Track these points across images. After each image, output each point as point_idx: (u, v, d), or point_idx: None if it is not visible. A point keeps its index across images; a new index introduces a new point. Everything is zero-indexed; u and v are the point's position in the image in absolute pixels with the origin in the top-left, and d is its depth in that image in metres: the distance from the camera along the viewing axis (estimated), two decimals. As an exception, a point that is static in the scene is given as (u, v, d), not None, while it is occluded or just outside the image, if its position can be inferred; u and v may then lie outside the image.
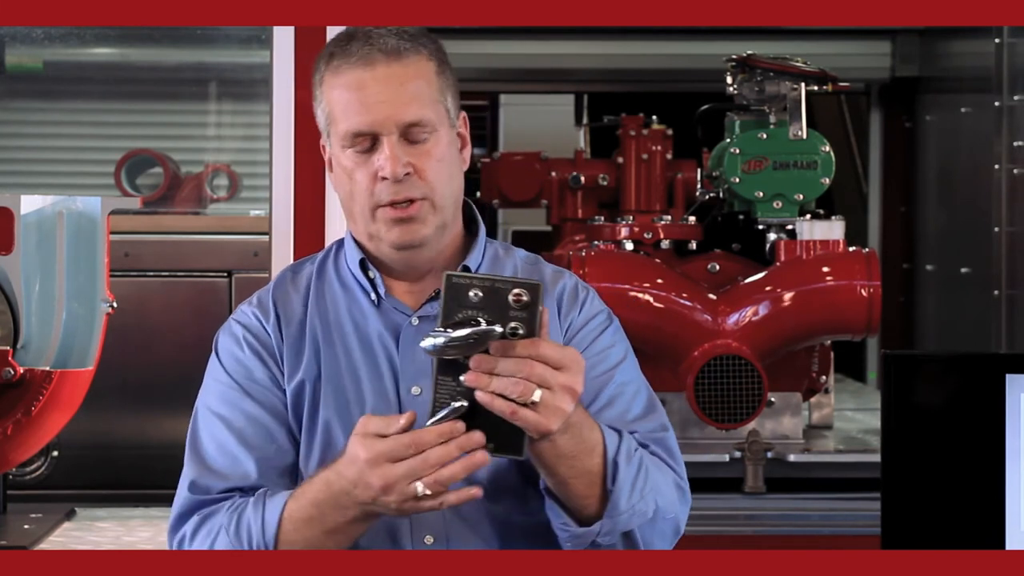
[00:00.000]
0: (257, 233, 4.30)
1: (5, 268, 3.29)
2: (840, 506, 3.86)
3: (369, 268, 2.46)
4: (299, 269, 2.54)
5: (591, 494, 2.31)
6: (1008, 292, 4.41)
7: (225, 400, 2.43)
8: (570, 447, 2.25)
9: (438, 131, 2.41)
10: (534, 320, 2.16)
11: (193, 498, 2.39)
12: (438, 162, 2.41)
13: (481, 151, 5.57)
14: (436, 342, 2.14)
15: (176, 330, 4.28)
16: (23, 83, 5.12)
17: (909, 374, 2.48)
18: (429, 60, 2.42)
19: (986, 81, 4.50)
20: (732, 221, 4.20)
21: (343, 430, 2.39)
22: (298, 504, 2.29)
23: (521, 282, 2.17)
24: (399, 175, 2.38)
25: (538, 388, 2.15)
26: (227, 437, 2.40)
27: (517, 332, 2.15)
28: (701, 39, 5.15)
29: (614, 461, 2.31)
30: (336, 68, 2.41)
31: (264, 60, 3.43)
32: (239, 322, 2.47)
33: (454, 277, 2.16)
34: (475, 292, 2.15)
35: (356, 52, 2.40)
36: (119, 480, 4.23)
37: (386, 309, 2.46)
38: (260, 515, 2.31)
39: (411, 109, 2.39)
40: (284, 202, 3.33)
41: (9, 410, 3.29)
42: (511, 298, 2.15)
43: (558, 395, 2.17)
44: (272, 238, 3.34)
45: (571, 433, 2.24)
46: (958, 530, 2.45)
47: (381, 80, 2.38)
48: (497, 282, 2.16)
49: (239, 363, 2.44)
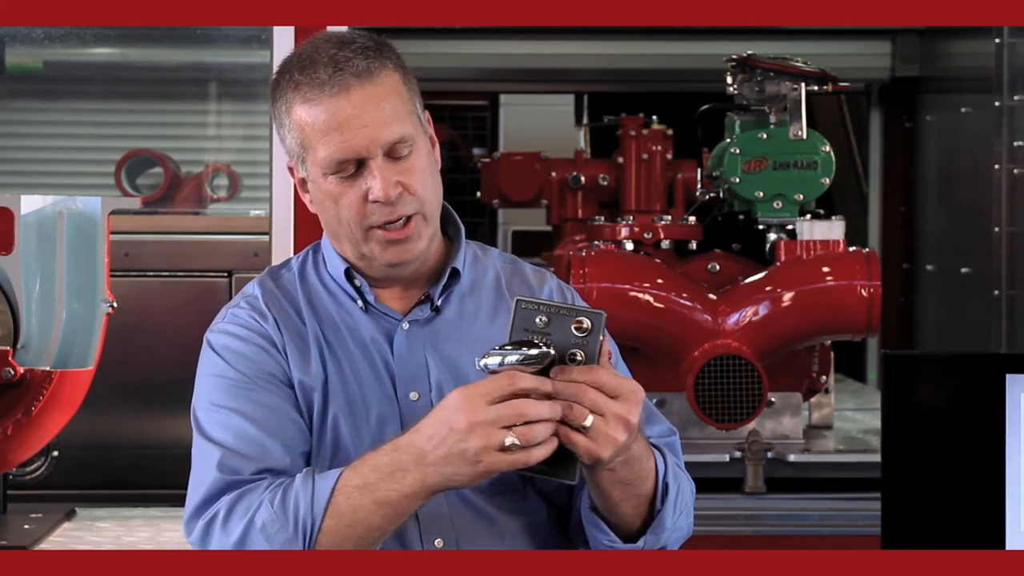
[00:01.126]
0: (257, 233, 4.30)
1: (5, 268, 3.29)
2: (840, 506, 3.86)
3: (355, 276, 2.46)
4: (278, 276, 2.51)
5: (638, 514, 2.34)
6: (1008, 292, 4.41)
7: (235, 394, 2.38)
8: (629, 476, 2.28)
9: (417, 142, 2.40)
10: (595, 347, 2.19)
11: (223, 478, 2.32)
12: (422, 173, 2.40)
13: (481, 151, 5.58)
14: (497, 361, 2.18)
15: (176, 330, 4.28)
16: (23, 83, 5.12)
17: (909, 374, 2.48)
18: (395, 71, 2.40)
19: (986, 81, 4.50)
20: (732, 221, 4.20)
21: (352, 431, 2.39)
22: (355, 472, 2.25)
23: (585, 310, 2.21)
24: (391, 197, 2.36)
25: (591, 414, 2.17)
26: (247, 425, 2.35)
27: (575, 358, 2.19)
28: (701, 39, 5.15)
29: (664, 483, 2.34)
30: (307, 97, 2.37)
31: (264, 60, 3.43)
32: (236, 323, 2.44)
33: (523, 302, 2.21)
34: (541, 318, 2.20)
35: (327, 80, 2.36)
36: (119, 480, 4.23)
37: (375, 315, 2.45)
38: (310, 487, 2.26)
39: (392, 128, 2.37)
40: (284, 202, 3.32)
41: (9, 410, 3.29)
42: (573, 326, 2.19)
43: (611, 424, 2.18)
44: (272, 238, 3.34)
45: (631, 464, 2.26)
46: (958, 530, 2.45)
47: (358, 105, 2.36)
48: (563, 309, 2.21)
49: (244, 357, 2.41)
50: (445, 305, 2.46)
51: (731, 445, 3.91)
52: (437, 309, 2.45)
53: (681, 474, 2.42)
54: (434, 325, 2.45)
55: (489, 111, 5.98)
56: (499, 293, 2.49)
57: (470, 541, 2.37)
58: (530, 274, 2.54)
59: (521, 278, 2.52)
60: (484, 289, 2.49)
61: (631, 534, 2.35)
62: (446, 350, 2.43)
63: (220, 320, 2.47)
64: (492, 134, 5.99)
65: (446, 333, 2.44)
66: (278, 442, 2.36)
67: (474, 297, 2.48)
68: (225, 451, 2.34)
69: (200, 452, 2.38)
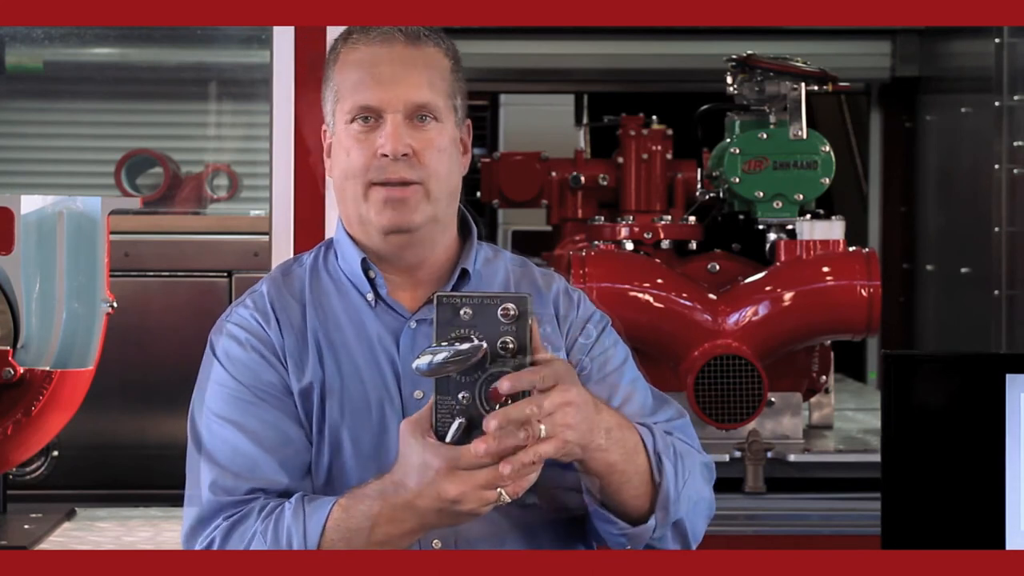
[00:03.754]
0: (257, 233, 4.30)
1: (5, 268, 3.28)
2: (840, 506, 3.86)
3: (371, 267, 2.46)
4: (288, 271, 2.51)
5: (641, 492, 2.34)
6: (1008, 292, 4.41)
7: (233, 405, 2.39)
8: (616, 453, 2.28)
9: (443, 123, 2.41)
10: (524, 332, 2.18)
11: (216, 500, 2.34)
12: (439, 151, 2.40)
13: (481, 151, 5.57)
14: (426, 361, 2.16)
15: (176, 330, 4.28)
16: (23, 83, 5.12)
17: (909, 374, 2.48)
18: (446, 57, 2.44)
19: (986, 81, 4.50)
20: (732, 221, 4.21)
21: (351, 431, 2.39)
22: (347, 514, 2.27)
23: (509, 296, 2.20)
24: (398, 153, 2.37)
25: (539, 424, 2.17)
26: (242, 441, 2.36)
27: (508, 345, 2.18)
28: (701, 39, 5.15)
29: (655, 452, 2.34)
30: (353, 44, 2.42)
31: (264, 60, 3.43)
32: (239, 325, 2.44)
33: (444, 297, 2.19)
34: (465, 310, 2.18)
35: (378, 34, 2.41)
36: (119, 480, 4.23)
37: (383, 311, 2.45)
38: (301, 522, 2.28)
39: (422, 92, 2.39)
40: (284, 202, 3.33)
41: (9, 410, 3.28)
42: (500, 313, 2.17)
43: (557, 415, 2.18)
44: (272, 238, 3.34)
45: (613, 438, 2.27)
46: (958, 530, 2.45)
47: (396, 59, 2.39)
48: (486, 298, 2.19)
49: (244, 366, 2.41)
50: None
51: (731, 445, 3.91)
52: None
53: (685, 447, 2.42)
54: None
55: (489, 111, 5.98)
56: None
57: (468, 542, 2.37)
58: (538, 276, 2.54)
59: (530, 280, 2.52)
60: (494, 290, 2.49)
61: (641, 517, 2.35)
62: None
63: (225, 318, 2.48)
64: (492, 134, 5.98)
65: None
66: (273, 459, 2.36)
67: None
68: (219, 469, 2.35)
69: (194, 463, 2.39)
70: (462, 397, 2.17)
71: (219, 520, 2.34)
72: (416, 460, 2.20)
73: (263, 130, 3.46)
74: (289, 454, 2.38)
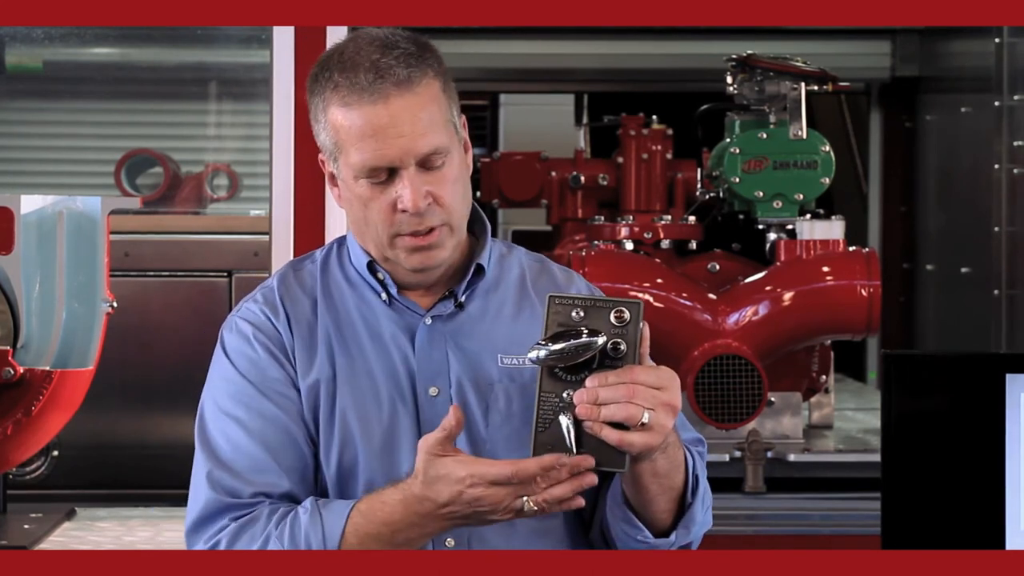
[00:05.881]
0: (257, 233, 4.30)
1: (5, 268, 3.28)
2: (840, 506, 3.86)
3: (378, 270, 2.45)
4: (300, 267, 2.50)
5: (669, 508, 2.36)
6: (1008, 292, 4.41)
7: (239, 401, 2.38)
8: (665, 465, 2.30)
9: (451, 153, 2.39)
10: (635, 336, 2.20)
11: (219, 499, 2.34)
12: (453, 184, 2.39)
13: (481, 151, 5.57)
14: (540, 354, 2.18)
15: (176, 330, 4.28)
16: (23, 83, 5.12)
17: (909, 374, 2.48)
18: (435, 79, 2.38)
19: (986, 81, 4.50)
20: (732, 221, 4.21)
21: (360, 428, 2.38)
22: (366, 520, 2.27)
23: (622, 301, 2.21)
24: (421, 208, 2.35)
25: (646, 410, 2.19)
26: (246, 439, 2.36)
27: (619, 347, 2.20)
28: (701, 39, 5.15)
29: (694, 474, 2.36)
30: (345, 101, 2.35)
31: (264, 60, 3.43)
32: (248, 320, 2.43)
33: (557, 298, 2.22)
34: (577, 312, 2.20)
35: (367, 87, 2.34)
36: (119, 480, 4.23)
37: (397, 308, 2.44)
38: (319, 527, 2.28)
39: (427, 139, 2.35)
40: (284, 202, 3.32)
41: (9, 410, 3.28)
42: (612, 316, 2.20)
43: (661, 414, 2.20)
44: (272, 238, 3.34)
45: (667, 452, 2.29)
46: (958, 530, 2.45)
47: (396, 114, 2.34)
48: (599, 302, 2.22)
49: (252, 363, 2.40)
50: (469, 301, 2.46)
51: (731, 445, 3.91)
52: (460, 305, 2.45)
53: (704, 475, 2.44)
54: (457, 321, 2.44)
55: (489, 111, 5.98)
56: (523, 291, 2.49)
57: (482, 541, 2.37)
58: (558, 273, 2.54)
59: (549, 276, 2.52)
60: (508, 286, 2.49)
61: (662, 531, 2.36)
62: (468, 346, 2.42)
63: (235, 313, 2.47)
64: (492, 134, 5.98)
65: (468, 329, 2.44)
66: (275, 459, 2.36)
67: (498, 294, 2.48)
68: (223, 470, 2.35)
69: (199, 457, 2.39)
70: (566, 395, 2.19)
71: (224, 521, 2.33)
72: (440, 469, 2.21)
73: (263, 130, 3.46)
74: (291, 454, 2.37)
